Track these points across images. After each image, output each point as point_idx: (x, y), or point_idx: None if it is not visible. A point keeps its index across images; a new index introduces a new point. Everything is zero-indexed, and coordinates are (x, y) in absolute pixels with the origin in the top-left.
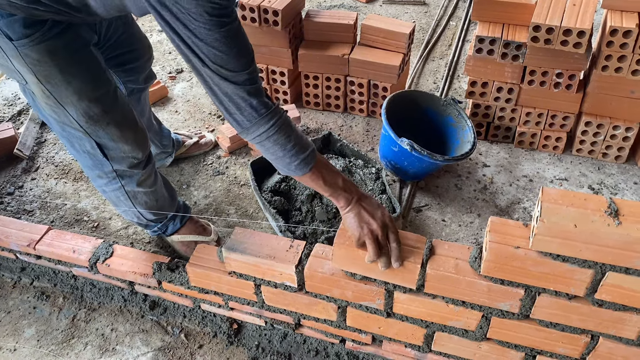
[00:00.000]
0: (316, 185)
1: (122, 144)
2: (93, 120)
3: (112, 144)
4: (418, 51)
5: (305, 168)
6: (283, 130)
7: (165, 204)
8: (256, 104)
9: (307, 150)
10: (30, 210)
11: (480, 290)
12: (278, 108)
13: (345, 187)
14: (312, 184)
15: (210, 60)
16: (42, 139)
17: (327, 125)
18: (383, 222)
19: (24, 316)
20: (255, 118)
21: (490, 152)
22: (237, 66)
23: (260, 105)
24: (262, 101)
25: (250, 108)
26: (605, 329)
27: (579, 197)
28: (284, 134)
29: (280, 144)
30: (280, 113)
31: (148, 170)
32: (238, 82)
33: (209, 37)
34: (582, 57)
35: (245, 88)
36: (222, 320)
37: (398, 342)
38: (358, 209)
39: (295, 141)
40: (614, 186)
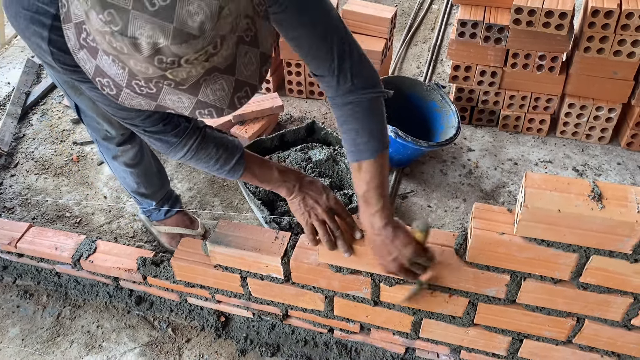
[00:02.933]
0: (253, 183)
1: (94, 115)
2: (68, 85)
3: (87, 110)
4: (401, 36)
5: (236, 175)
6: (201, 152)
7: (149, 190)
8: (165, 138)
9: (233, 159)
10: (10, 207)
11: (466, 277)
12: (190, 134)
13: (282, 178)
14: (250, 182)
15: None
16: (20, 134)
17: (311, 113)
18: (328, 206)
19: (8, 315)
20: (169, 148)
21: (475, 136)
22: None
23: (169, 138)
24: (168, 137)
25: (160, 142)
26: (590, 312)
27: (562, 182)
28: (204, 154)
29: (203, 162)
30: (193, 138)
31: (125, 150)
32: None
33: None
34: (564, 39)
35: (146, 132)
36: (209, 314)
37: (386, 329)
38: (301, 195)
39: (218, 156)
40: (597, 167)
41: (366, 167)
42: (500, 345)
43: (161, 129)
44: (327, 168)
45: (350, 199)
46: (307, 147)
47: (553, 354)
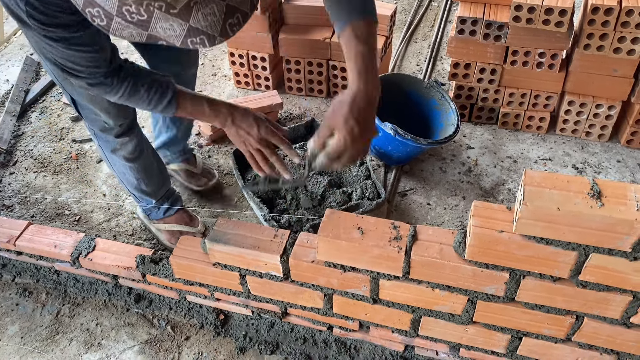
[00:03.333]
0: (187, 117)
1: (91, 105)
2: (62, 77)
3: (83, 101)
4: (400, 33)
5: (169, 112)
6: (135, 94)
7: (150, 187)
8: (103, 81)
9: (166, 98)
10: (9, 205)
11: (465, 275)
12: (124, 77)
13: (214, 112)
14: (184, 117)
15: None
16: (19, 132)
17: (311, 110)
18: (260, 137)
19: (7, 313)
20: (106, 90)
21: (474, 133)
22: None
23: (106, 81)
24: (104, 80)
25: (98, 86)
26: (589, 310)
27: (561, 180)
28: (138, 95)
29: (139, 102)
30: (127, 80)
31: (124, 142)
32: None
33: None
34: (564, 36)
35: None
36: (208, 311)
37: (385, 327)
38: (234, 128)
39: (151, 96)
40: (597, 165)
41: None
42: (500, 343)
43: (99, 74)
44: None
45: (350, 196)
46: (307, 144)
47: (552, 351)
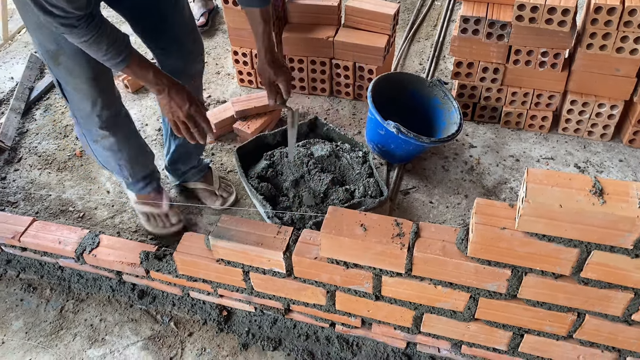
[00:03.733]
0: (131, 76)
1: (74, 91)
2: (49, 55)
3: (68, 88)
4: (403, 32)
5: (118, 68)
6: (96, 44)
7: (132, 177)
8: (57, 23)
9: (120, 56)
10: (14, 201)
11: (468, 272)
12: (93, 25)
13: (155, 80)
14: (129, 75)
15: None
16: (23, 129)
17: (314, 109)
18: (188, 113)
19: (11, 309)
20: (71, 32)
21: (477, 132)
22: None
23: (60, 23)
24: (76, 22)
25: (66, 28)
26: (591, 307)
27: (563, 177)
28: (97, 46)
29: (98, 52)
30: (95, 29)
31: (105, 136)
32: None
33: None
34: (566, 36)
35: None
36: (211, 308)
37: (387, 324)
38: (167, 99)
39: (109, 51)
40: (599, 164)
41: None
42: (501, 340)
43: (73, 17)
44: (330, 164)
45: (352, 194)
46: (310, 142)
47: (554, 349)
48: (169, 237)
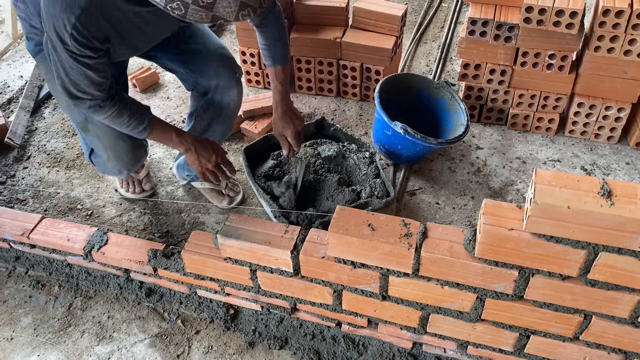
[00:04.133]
0: (157, 141)
1: (104, 153)
2: (79, 126)
3: (98, 151)
4: (410, 34)
5: (142, 136)
6: (118, 117)
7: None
8: (85, 105)
9: (141, 126)
10: (23, 199)
11: (475, 272)
12: (115, 102)
13: (179, 140)
14: (154, 141)
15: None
16: (33, 127)
17: (320, 109)
18: (216, 163)
19: (20, 305)
20: (95, 112)
21: (484, 134)
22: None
23: (86, 105)
24: (101, 103)
25: (91, 108)
26: (598, 309)
27: (572, 179)
28: (119, 119)
29: (119, 125)
30: (116, 105)
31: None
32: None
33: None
34: (574, 38)
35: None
36: (218, 306)
37: (394, 324)
38: (195, 156)
39: (130, 122)
40: (606, 167)
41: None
42: (508, 341)
43: (99, 98)
44: (336, 164)
45: (359, 195)
46: (317, 142)
47: (560, 350)
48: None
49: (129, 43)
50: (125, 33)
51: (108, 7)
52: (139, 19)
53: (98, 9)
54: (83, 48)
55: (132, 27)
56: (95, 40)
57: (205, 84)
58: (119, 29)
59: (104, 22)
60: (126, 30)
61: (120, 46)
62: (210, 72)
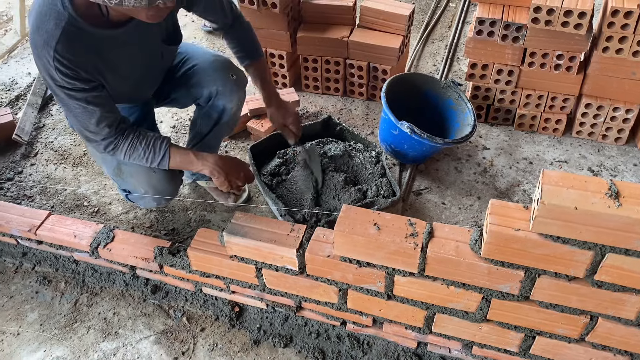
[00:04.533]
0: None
1: (140, 190)
2: (114, 172)
3: (134, 190)
4: (418, 33)
5: (163, 166)
6: (130, 154)
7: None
8: (101, 147)
9: (158, 158)
10: (30, 195)
11: (481, 273)
12: (126, 137)
13: (201, 163)
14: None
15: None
16: (40, 124)
17: (327, 108)
18: (245, 179)
19: (27, 301)
20: (110, 151)
21: (490, 134)
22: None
23: (102, 146)
24: (103, 143)
25: (99, 148)
26: (604, 310)
27: (579, 180)
28: (136, 155)
29: (137, 160)
30: (128, 139)
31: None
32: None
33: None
34: (582, 39)
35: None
36: (223, 304)
37: (399, 323)
38: (224, 177)
39: (147, 156)
40: (613, 168)
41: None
42: (513, 342)
43: (99, 140)
44: (343, 163)
45: (365, 194)
46: (323, 142)
47: (565, 351)
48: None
49: (120, 73)
50: (112, 62)
51: (82, 36)
52: (117, 44)
53: (73, 38)
54: (71, 80)
55: (115, 55)
56: (80, 71)
57: (207, 92)
58: (104, 58)
59: (82, 50)
60: (111, 58)
61: (113, 78)
62: (209, 80)
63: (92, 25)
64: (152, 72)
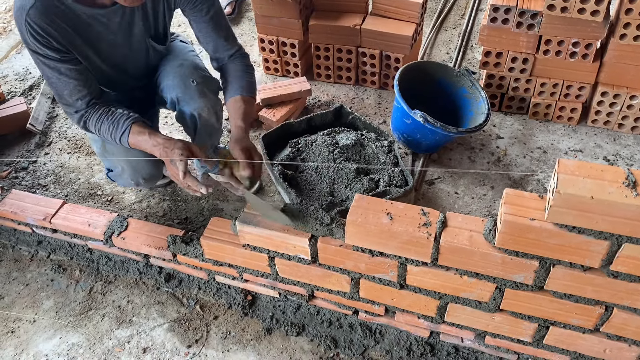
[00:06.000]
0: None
1: (125, 175)
2: (100, 150)
3: (115, 169)
4: (431, 21)
5: (124, 141)
6: (98, 128)
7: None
8: (75, 119)
9: (120, 131)
10: (44, 184)
11: (495, 262)
12: (87, 113)
13: (151, 143)
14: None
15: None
16: (54, 114)
17: (339, 97)
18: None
19: (42, 288)
20: (80, 124)
21: (504, 123)
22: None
23: (75, 118)
24: (76, 115)
25: (73, 119)
26: (619, 300)
27: (595, 169)
28: (102, 129)
29: (103, 134)
30: (95, 116)
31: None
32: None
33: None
34: (599, 26)
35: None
36: (236, 292)
37: (411, 313)
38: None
39: (110, 130)
40: (629, 157)
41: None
42: (526, 332)
43: (81, 108)
44: (355, 152)
45: (377, 184)
46: (335, 131)
47: (579, 342)
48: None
49: (99, 54)
50: (91, 40)
51: (59, 7)
52: (98, 24)
53: (48, 6)
54: (42, 46)
55: (95, 34)
56: (51, 40)
57: (169, 98)
58: (80, 32)
59: (58, 20)
60: (90, 36)
61: (92, 56)
62: (170, 85)
63: (74, 1)
64: (135, 63)
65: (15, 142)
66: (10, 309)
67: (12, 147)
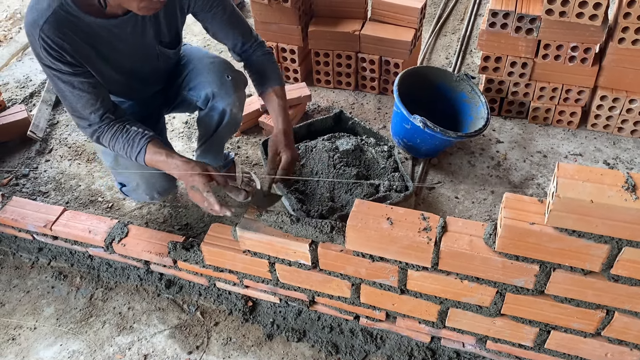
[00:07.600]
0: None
1: (138, 189)
2: (112, 164)
3: (129, 185)
4: (430, 26)
5: (140, 160)
6: (112, 144)
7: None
8: (88, 132)
9: (135, 150)
10: (45, 191)
11: (495, 267)
12: (108, 128)
13: (170, 166)
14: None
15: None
16: (54, 121)
17: (338, 103)
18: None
19: (43, 295)
20: (93, 138)
21: (504, 128)
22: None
23: (88, 132)
24: (89, 129)
25: (86, 133)
26: (620, 304)
27: (595, 172)
28: (116, 146)
29: (117, 150)
30: (110, 132)
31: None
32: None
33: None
34: (598, 30)
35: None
36: (237, 298)
37: (412, 318)
38: (187, 186)
39: (126, 149)
40: (629, 161)
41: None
42: (527, 336)
43: (86, 127)
44: (355, 158)
45: (377, 189)
46: (335, 136)
47: (581, 346)
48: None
49: (111, 64)
50: (103, 52)
51: (72, 21)
52: (110, 35)
53: (62, 21)
54: (55, 61)
55: (107, 45)
56: (65, 54)
57: (204, 94)
58: (92, 44)
59: (70, 34)
60: (103, 48)
61: (104, 68)
62: (205, 82)
63: (86, 13)
64: (147, 70)
65: (16, 149)
66: (11, 316)
67: (13, 155)
